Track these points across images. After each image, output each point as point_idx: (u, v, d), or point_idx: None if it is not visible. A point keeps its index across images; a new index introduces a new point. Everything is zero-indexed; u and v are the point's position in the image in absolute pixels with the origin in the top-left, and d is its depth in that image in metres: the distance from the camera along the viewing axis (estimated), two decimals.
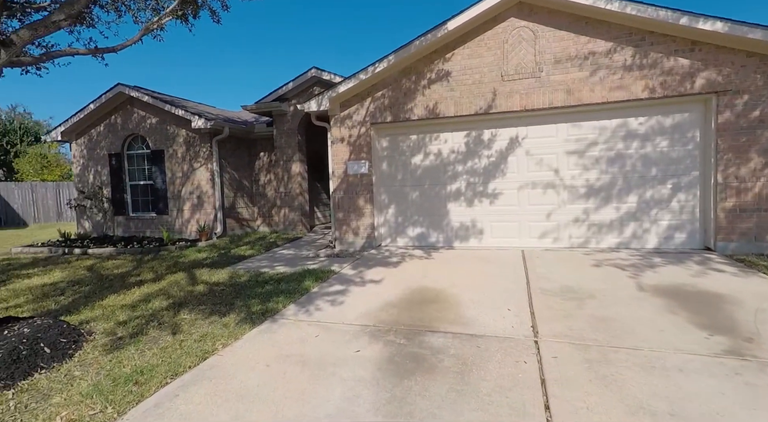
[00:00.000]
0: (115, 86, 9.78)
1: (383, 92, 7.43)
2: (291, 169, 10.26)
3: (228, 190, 10.15)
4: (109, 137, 10.38)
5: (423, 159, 7.55)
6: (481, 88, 6.82)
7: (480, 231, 7.29)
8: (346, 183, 7.78)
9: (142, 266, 6.83)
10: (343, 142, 7.76)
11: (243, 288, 5.24)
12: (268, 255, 7.57)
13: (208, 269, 6.37)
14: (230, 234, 10.14)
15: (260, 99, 10.01)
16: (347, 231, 7.84)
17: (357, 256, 7.08)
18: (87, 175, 10.72)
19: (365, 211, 7.71)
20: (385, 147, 7.78)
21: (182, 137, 9.77)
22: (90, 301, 4.80)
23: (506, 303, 4.33)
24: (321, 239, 9.42)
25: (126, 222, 10.45)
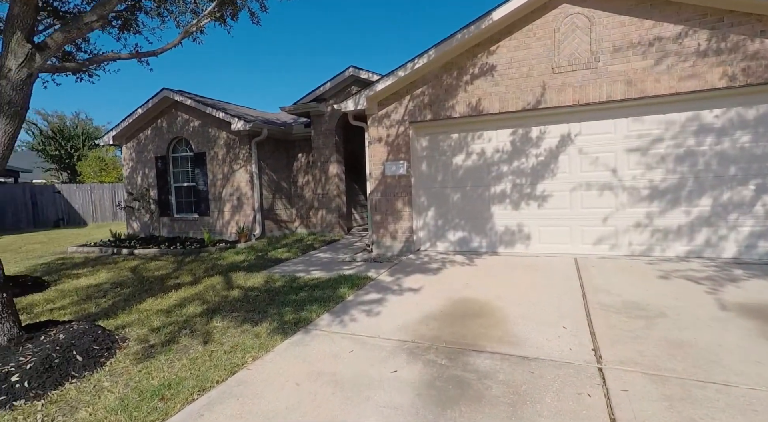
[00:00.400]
0: (160, 91, 10.07)
1: (423, 89, 7.08)
2: (328, 170, 10.14)
3: (266, 192, 10.18)
4: (155, 140, 10.72)
5: (465, 159, 7.12)
6: (529, 82, 6.31)
7: (527, 237, 6.77)
8: (384, 184, 7.51)
9: (182, 268, 6.89)
10: (381, 142, 7.48)
11: (277, 294, 5.09)
12: (305, 259, 7.44)
13: (244, 272, 6.31)
14: (268, 235, 10.16)
15: (298, 100, 9.96)
16: (384, 234, 7.56)
17: (395, 261, 6.78)
18: (135, 178, 11.14)
19: (403, 214, 7.39)
20: (425, 147, 7.43)
21: (223, 139, 9.89)
22: (128, 305, 4.81)
23: (561, 320, 3.87)
24: (358, 242, 9.21)
25: (170, 223, 10.75)
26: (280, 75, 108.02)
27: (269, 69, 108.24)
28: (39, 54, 3.06)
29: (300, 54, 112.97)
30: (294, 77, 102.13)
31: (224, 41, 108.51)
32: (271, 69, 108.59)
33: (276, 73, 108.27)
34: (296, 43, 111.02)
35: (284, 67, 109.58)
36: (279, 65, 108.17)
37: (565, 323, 3.80)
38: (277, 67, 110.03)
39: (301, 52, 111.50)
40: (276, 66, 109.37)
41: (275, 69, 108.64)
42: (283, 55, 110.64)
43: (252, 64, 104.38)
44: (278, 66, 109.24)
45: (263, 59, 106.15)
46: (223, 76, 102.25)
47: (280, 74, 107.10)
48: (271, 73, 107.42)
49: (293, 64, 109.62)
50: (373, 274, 5.91)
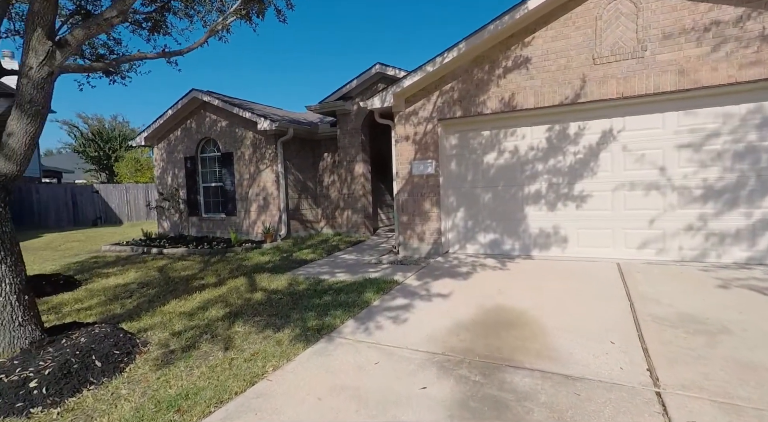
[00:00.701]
0: (189, 92, 10.18)
1: (452, 85, 6.78)
2: (354, 169, 9.97)
3: (292, 192, 10.12)
4: (184, 141, 10.87)
5: (497, 157, 6.77)
6: (567, 75, 5.90)
7: (563, 239, 6.35)
8: (411, 184, 7.25)
9: (208, 269, 6.86)
10: (408, 141, 7.23)
11: (301, 298, 4.93)
12: (330, 260, 7.28)
13: (268, 274, 6.20)
14: (294, 235, 10.10)
15: (324, 98, 9.84)
16: (412, 236, 7.30)
17: (422, 264, 6.52)
18: (166, 178, 11.34)
19: (431, 215, 7.11)
20: (454, 145, 7.12)
21: (249, 139, 9.89)
22: (152, 306, 4.77)
23: (607, 334, 3.50)
24: (384, 243, 8.99)
25: (199, 222, 10.87)
26: (307, 74, 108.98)
27: (295, 67, 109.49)
28: (59, 51, 2.99)
29: (327, 52, 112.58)
30: (321, 76, 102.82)
31: (251, 40, 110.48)
32: (298, 67, 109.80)
33: (302, 71, 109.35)
34: (323, 40, 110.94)
35: (310, 65, 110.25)
36: (305, 64, 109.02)
37: (612, 337, 3.44)
38: (303, 66, 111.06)
39: (327, 50, 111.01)
40: (302, 64, 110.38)
41: (301, 67, 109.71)
42: (309, 53, 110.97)
43: (278, 62, 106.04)
44: (304, 64, 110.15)
45: (289, 57, 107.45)
46: (249, 76, 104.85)
47: (306, 73, 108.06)
48: (297, 72, 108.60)
49: (320, 63, 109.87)
50: (399, 278, 5.67)
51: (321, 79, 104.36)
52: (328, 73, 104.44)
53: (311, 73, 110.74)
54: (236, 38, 20.46)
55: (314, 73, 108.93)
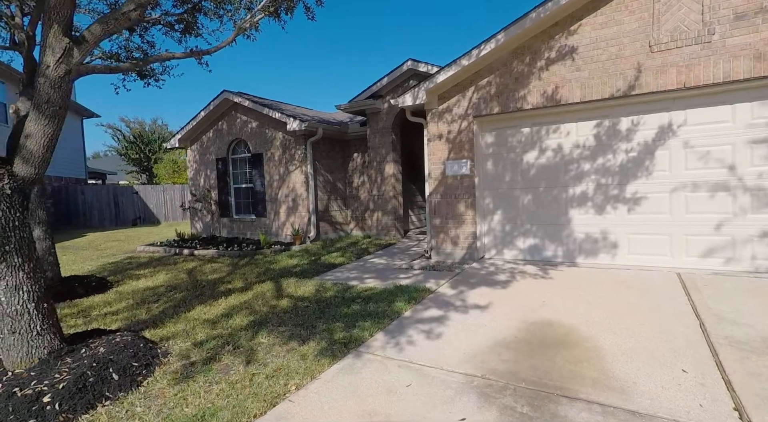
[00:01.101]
0: (221, 93, 10.21)
1: (489, 79, 6.35)
2: (384, 170, 9.68)
3: (321, 193, 9.95)
4: (216, 142, 10.93)
5: (538, 156, 6.28)
6: (620, 65, 5.35)
7: (613, 245, 5.79)
8: (444, 185, 6.87)
9: (236, 272, 6.75)
10: (441, 139, 6.85)
11: (328, 306, 4.67)
12: (359, 265, 7.01)
13: (295, 279, 6.00)
14: (323, 238, 9.92)
15: (354, 97, 9.60)
16: (445, 240, 6.92)
17: (456, 270, 6.13)
18: (198, 179, 11.46)
19: (466, 218, 6.70)
20: (491, 143, 6.68)
21: (279, 140, 9.80)
22: (177, 312, 4.65)
23: (677, 359, 3.02)
24: (415, 246, 8.64)
25: (230, 223, 10.90)
26: (337, 72, 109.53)
27: (326, 65, 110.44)
28: (77, 48, 2.85)
29: (356, 49, 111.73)
30: (351, 74, 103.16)
31: (281, 39, 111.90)
32: (328, 66, 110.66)
33: (333, 69, 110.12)
34: (353, 37, 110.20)
35: (340, 63, 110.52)
36: (335, 62, 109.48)
37: (683, 363, 2.96)
38: (333, 64, 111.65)
39: (357, 48, 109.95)
40: (332, 63, 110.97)
41: (332, 65, 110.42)
42: (338, 51, 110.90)
43: (308, 62, 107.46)
44: (334, 63, 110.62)
45: (319, 56, 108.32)
46: (279, 76, 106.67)
47: (336, 71, 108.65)
48: (327, 71, 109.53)
49: (350, 61, 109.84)
50: (432, 286, 5.31)
51: (352, 76, 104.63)
52: (359, 69, 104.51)
53: (340, 71, 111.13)
54: (266, 39, 20.60)
55: (344, 72, 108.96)
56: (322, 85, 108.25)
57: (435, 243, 7.04)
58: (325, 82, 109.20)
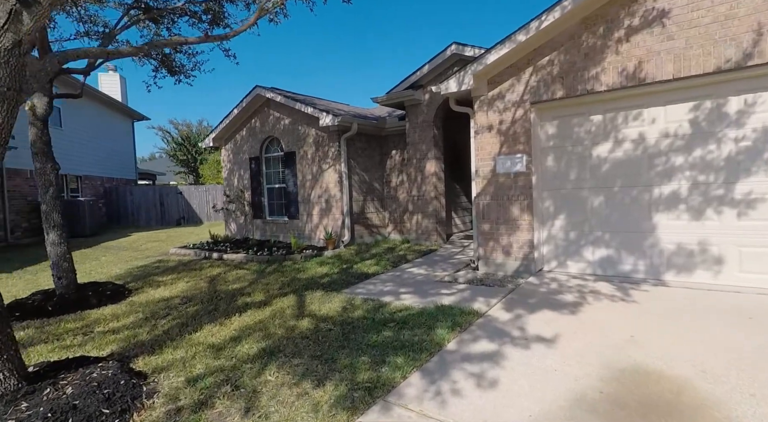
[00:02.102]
0: (253, 89, 9.76)
1: (551, 57, 5.29)
2: (425, 168, 8.77)
3: (357, 193, 9.22)
4: (249, 141, 10.52)
5: (612, 149, 5.14)
6: (730, 28, 4.14)
7: (717, 260, 4.56)
8: (495, 185, 5.88)
9: (260, 281, 6.15)
10: (492, 131, 5.86)
11: (354, 331, 3.88)
12: (395, 275, 6.18)
13: (322, 292, 5.27)
14: (358, 242, 9.19)
15: (391, 88, 8.77)
16: (495, 248, 5.93)
17: (509, 286, 5.14)
18: (232, 179, 11.12)
19: (521, 223, 5.68)
20: (552, 134, 5.61)
21: (312, 137, 9.18)
22: (183, 332, 4.04)
23: None
24: (459, 254, 7.68)
25: (263, 225, 10.45)
26: (375, 62, 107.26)
27: (361, 58, 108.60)
28: (26, 12, 2.22)
29: (396, 38, 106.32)
30: (389, 66, 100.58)
31: (315, 31, 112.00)
32: (364, 58, 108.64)
33: (369, 61, 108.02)
34: (391, 23, 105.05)
35: (378, 54, 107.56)
36: (372, 53, 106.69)
37: None
38: (369, 55, 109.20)
39: (397, 36, 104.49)
40: (369, 54, 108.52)
41: (368, 57, 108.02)
42: (376, 41, 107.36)
43: (343, 54, 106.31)
44: (371, 54, 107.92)
45: (355, 47, 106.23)
46: (314, 70, 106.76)
47: (374, 62, 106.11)
48: (364, 63, 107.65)
49: (388, 52, 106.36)
50: (481, 306, 4.38)
51: (390, 68, 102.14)
52: (398, 62, 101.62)
53: (380, 62, 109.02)
54: (300, 32, 20.23)
55: (383, 63, 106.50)
56: (358, 81, 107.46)
57: (483, 252, 6.06)
58: (362, 78, 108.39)
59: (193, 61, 8.77)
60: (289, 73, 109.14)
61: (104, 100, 18.96)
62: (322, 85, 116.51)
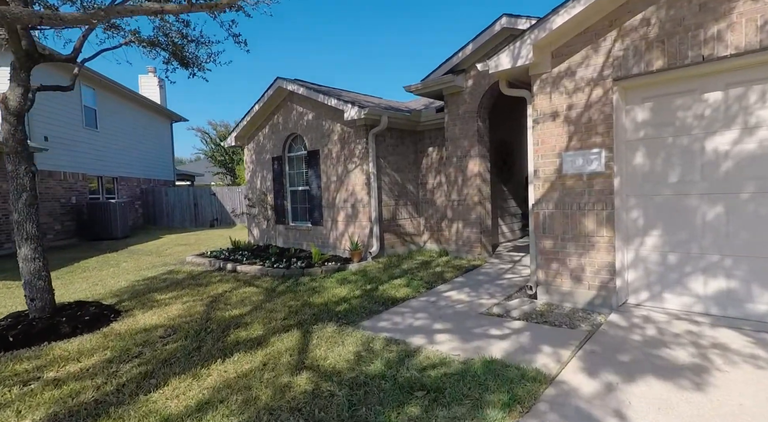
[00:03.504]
0: (274, 81, 8.85)
1: (646, 14, 3.86)
2: (467, 167, 7.44)
3: (387, 197, 8.04)
4: (272, 139, 9.63)
5: (738, 139, 3.64)
6: None
7: None
8: (560, 189, 4.50)
9: (266, 304, 5.13)
10: (556, 119, 4.49)
11: (366, 400, 2.71)
12: (429, 302, 4.95)
13: (334, 327, 4.14)
14: (389, 252, 8.02)
15: (427, 75, 7.50)
16: (560, 272, 4.55)
17: (583, 325, 3.77)
18: (255, 181, 10.30)
19: (597, 240, 4.27)
20: (643, 121, 4.16)
21: (336, 133, 8.11)
22: (139, 391, 3.03)
23: None
24: (509, 271, 6.31)
25: (285, 232, 9.53)
26: (411, 48, 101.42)
27: (395, 47, 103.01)
28: None
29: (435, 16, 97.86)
30: (428, 55, 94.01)
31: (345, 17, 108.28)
32: (398, 48, 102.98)
33: (405, 48, 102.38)
34: None
35: (417, 37, 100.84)
36: (409, 36, 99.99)
37: None
38: (404, 44, 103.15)
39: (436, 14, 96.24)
40: (403, 42, 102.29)
41: (402, 47, 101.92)
42: (412, 21, 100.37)
43: (373, 44, 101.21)
44: (408, 37, 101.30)
45: (385, 36, 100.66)
46: (345, 64, 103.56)
47: (410, 47, 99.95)
48: (398, 52, 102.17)
49: (427, 34, 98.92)
50: (549, 363, 3.07)
51: (425, 58, 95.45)
52: (436, 47, 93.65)
53: (415, 47, 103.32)
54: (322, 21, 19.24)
55: (418, 52, 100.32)
56: (392, 73, 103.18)
57: (543, 275, 4.70)
58: (397, 69, 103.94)
59: (208, 52, 7.98)
60: (323, 69, 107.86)
61: (141, 101, 18.99)
62: (354, 80, 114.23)
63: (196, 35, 7.35)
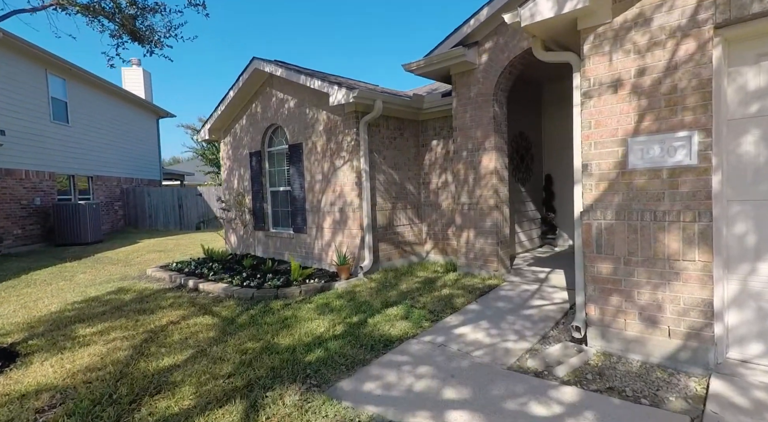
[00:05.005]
0: (250, 62, 7.50)
1: None
2: (480, 163, 6.08)
3: (382, 200, 6.69)
4: (250, 132, 8.29)
5: None
6: None
7: None
8: (624, 191, 3.15)
9: (214, 348, 3.78)
10: (620, 90, 3.14)
11: None
12: (435, 346, 3.59)
13: (298, 394, 2.79)
14: (384, 266, 6.67)
15: (431, 50, 6.13)
16: (624, 309, 3.19)
17: (672, 397, 2.41)
18: (232, 180, 8.96)
19: (685, 265, 2.91)
20: (758, 90, 2.80)
21: (322, 123, 6.76)
22: None
23: None
24: (536, 295, 4.95)
25: (265, 239, 8.18)
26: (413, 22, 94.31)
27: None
28: None
29: None
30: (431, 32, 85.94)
31: None
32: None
33: None
34: None
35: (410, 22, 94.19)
36: None
37: None
38: None
39: None
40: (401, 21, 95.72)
41: None
42: None
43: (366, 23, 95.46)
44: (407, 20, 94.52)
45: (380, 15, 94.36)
46: (348, 50, 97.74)
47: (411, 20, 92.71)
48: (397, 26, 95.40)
49: None
50: None
51: None
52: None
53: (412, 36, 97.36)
54: None
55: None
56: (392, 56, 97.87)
57: (598, 313, 3.34)
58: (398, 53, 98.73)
59: (167, 26, 6.64)
60: (322, 55, 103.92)
61: (123, 95, 17.66)
62: (356, 67, 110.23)
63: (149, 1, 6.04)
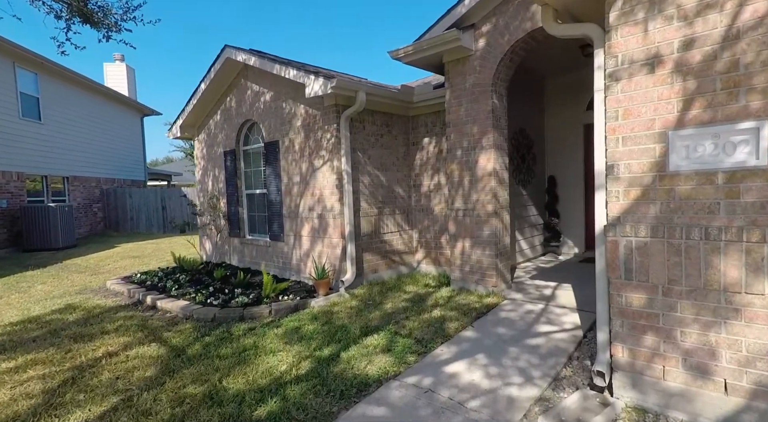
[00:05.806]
0: (222, 51, 6.75)
1: None
2: (477, 163, 5.35)
3: (367, 204, 5.96)
4: (224, 128, 7.53)
5: None
6: None
7: None
8: (663, 200, 2.43)
9: (145, 394, 3.04)
10: (658, 69, 2.42)
11: None
12: (420, 392, 2.86)
13: None
14: (370, 278, 5.94)
15: (421, 35, 5.40)
16: (663, 353, 2.47)
17: None
18: (206, 182, 8.20)
19: (749, 300, 2.20)
20: None
21: (300, 118, 6.03)
22: None
23: None
24: (542, 318, 4.23)
25: (241, 247, 7.43)
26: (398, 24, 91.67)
27: None
28: None
29: None
30: None
31: None
32: None
33: None
34: None
35: None
36: None
37: None
38: None
39: None
40: None
41: None
42: None
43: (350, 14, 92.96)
44: None
45: None
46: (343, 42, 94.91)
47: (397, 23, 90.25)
48: None
49: None
50: None
51: None
52: None
53: None
54: None
55: None
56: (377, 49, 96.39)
57: (628, 355, 2.62)
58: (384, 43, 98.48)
59: (124, 7, 5.89)
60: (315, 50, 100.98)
61: (103, 91, 16.81)
62: (351, 62, 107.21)
63: None
